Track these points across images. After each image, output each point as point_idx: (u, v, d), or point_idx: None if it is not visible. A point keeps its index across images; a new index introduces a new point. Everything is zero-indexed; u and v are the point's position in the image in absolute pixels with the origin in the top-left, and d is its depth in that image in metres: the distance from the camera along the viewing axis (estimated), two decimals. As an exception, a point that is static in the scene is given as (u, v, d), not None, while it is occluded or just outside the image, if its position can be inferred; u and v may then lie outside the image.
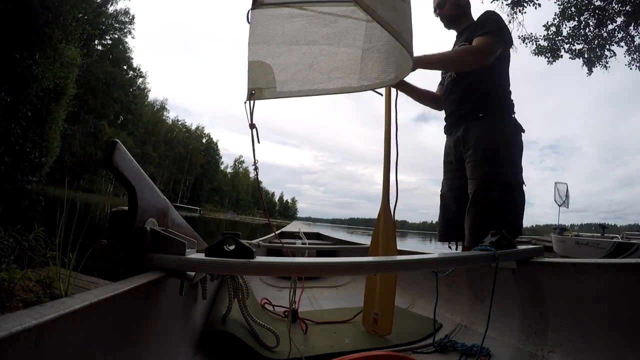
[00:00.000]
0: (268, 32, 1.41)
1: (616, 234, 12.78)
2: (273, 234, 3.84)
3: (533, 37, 10.69)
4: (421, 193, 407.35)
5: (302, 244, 3.16)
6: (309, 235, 4.10)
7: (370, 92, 1.56)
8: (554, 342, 1.13)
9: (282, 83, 1.47)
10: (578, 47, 10.38)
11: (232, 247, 0.93)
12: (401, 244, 1.72)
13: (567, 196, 14.77)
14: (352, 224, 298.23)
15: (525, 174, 1.71)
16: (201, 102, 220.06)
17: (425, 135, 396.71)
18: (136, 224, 0.90)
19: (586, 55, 10.39)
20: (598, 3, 9.73)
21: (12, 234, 2.18)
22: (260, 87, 1.47)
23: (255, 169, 1.46)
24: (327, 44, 1.45)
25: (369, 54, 1.46)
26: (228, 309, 1.26)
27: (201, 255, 0.94)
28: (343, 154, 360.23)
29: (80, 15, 14.09)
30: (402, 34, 1.08)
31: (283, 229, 4.42)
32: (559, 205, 14.64)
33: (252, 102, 1.44)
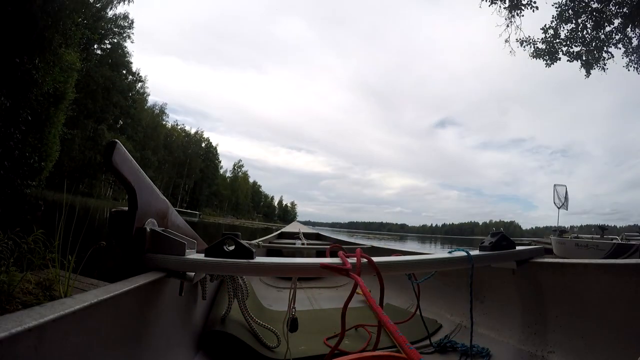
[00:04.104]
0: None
1: (615, 235, 12.77)
2: (273, 234, 3.84)
3: (531, 40, 10.76)
4: (432, 197, 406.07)
5: (302, 244, 3.15)
6: (309, 236, 4.09)
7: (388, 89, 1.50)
8: (553, 342, 1.12)
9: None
10: (576, 49, 10.44)
11: (231, 248, 0.93)
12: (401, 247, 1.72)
13: (566, 198, 14.76)
14: (352, 227, 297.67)
15: (533, 178, 1.67)
16: (221, 106, 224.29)
17: (442, 140, 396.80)
18: (136, 225, 0.90)
19: (584, 58, 10.43)
20: (595, 5, 9.79)
21: (11, 236, 2.18)
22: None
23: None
24: None
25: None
26: (228, 309, 1.26)
27: (201, 256, 0.94)
28: (356, 158, 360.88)
29: (80, 19, 14.14)
30: None
31: (283, 230, 4.41)
32: (558, 208, 14.63)
33: None
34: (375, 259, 1.00)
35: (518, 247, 1.26)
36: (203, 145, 79.59)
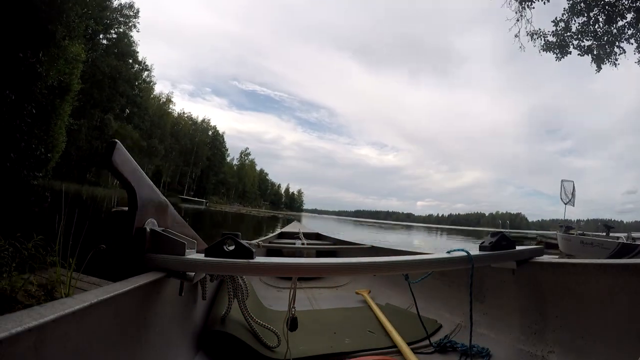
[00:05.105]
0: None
1: (622, 232, 12.64)
2: (273, 234, 3.85)
3: (541, 33, 10.54)
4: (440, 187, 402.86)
5: (302, 244, 3.15)
6: (309, 236, 4.08)
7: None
8: (553, 342, 1.12)
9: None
10: (587, 43, 10.20)
11: (231, 248, 0.93)
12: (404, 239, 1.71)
13: (573, 194, 14.57)
14: (358, 216, 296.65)
15: (549, 170, 1.57)
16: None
17: (454, 130, 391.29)
18: (136, 225, 0.91)
19: (595, 52, 10.21)
20: (608, -1, 9.54)
21: (12, 242, 2.17)
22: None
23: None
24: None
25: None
26: (228, 309, 1.26)
27: (201, 256, 0.94)
28: (369, 145, 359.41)
29: (84, 10, 14.07)
30: None
31: (283, 230, 4.39)
32: (565, 204, 14.47)
33: None
34: (374, 259, 1.01)
35: (518, 247, 1.26)
36: (210, 133, 79.36)
